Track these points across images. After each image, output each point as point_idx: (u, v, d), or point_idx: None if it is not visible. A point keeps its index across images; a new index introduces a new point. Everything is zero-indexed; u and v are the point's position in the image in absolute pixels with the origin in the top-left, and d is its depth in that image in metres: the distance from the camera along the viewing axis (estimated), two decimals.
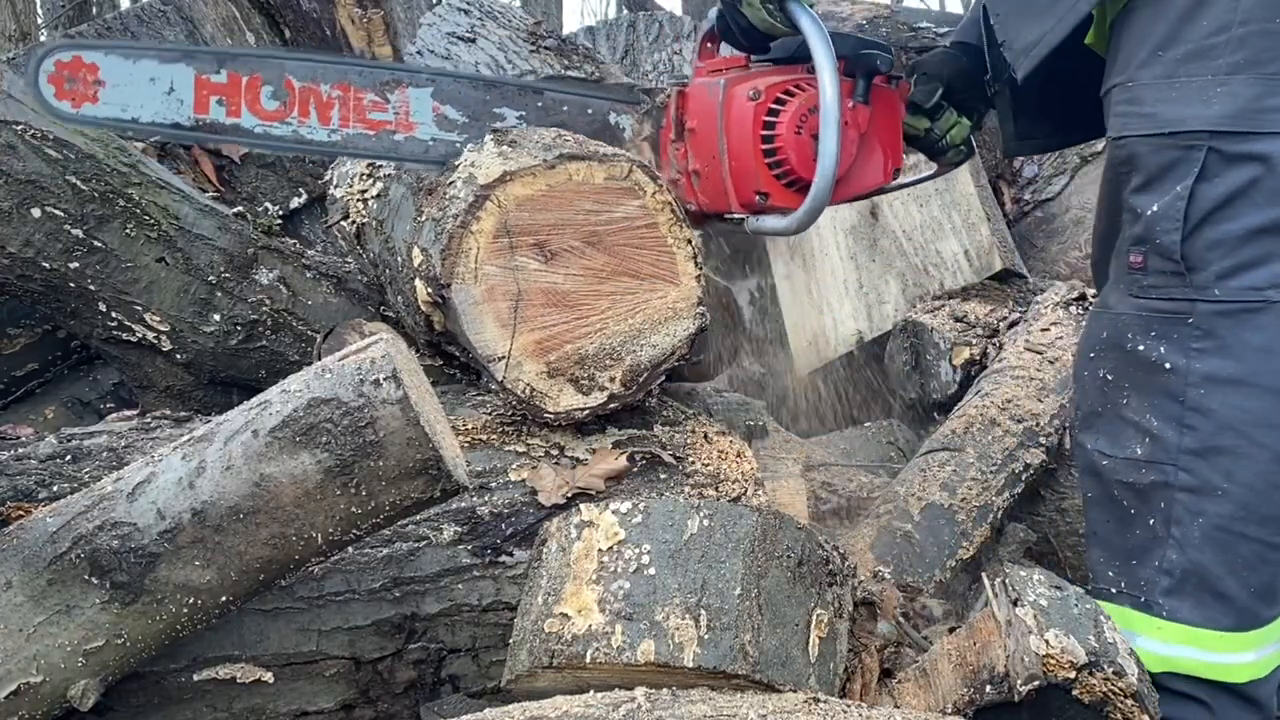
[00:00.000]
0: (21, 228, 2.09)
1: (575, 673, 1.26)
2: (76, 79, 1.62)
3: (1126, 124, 1.59)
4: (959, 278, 3.23)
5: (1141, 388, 1.59)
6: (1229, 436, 1.52)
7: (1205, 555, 1.54)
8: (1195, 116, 1.50)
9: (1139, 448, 1.58)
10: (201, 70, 1.68)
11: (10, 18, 7.14)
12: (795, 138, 1.83)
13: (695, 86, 1.95)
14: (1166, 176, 1.54)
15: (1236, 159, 1.49)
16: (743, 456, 1.82)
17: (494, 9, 4.05)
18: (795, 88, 1.85)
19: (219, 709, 1.53)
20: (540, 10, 9.11)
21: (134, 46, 1.67)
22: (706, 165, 1.90)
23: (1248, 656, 1.55)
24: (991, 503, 2.26)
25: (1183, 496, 1.55)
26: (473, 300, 1.66)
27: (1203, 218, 1.52)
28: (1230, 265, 1.51)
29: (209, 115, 1.69)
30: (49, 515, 1.34)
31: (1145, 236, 1.57)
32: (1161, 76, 1.54)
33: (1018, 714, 1.33)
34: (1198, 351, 1.54)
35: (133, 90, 1.65)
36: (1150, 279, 1.57)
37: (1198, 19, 1.50)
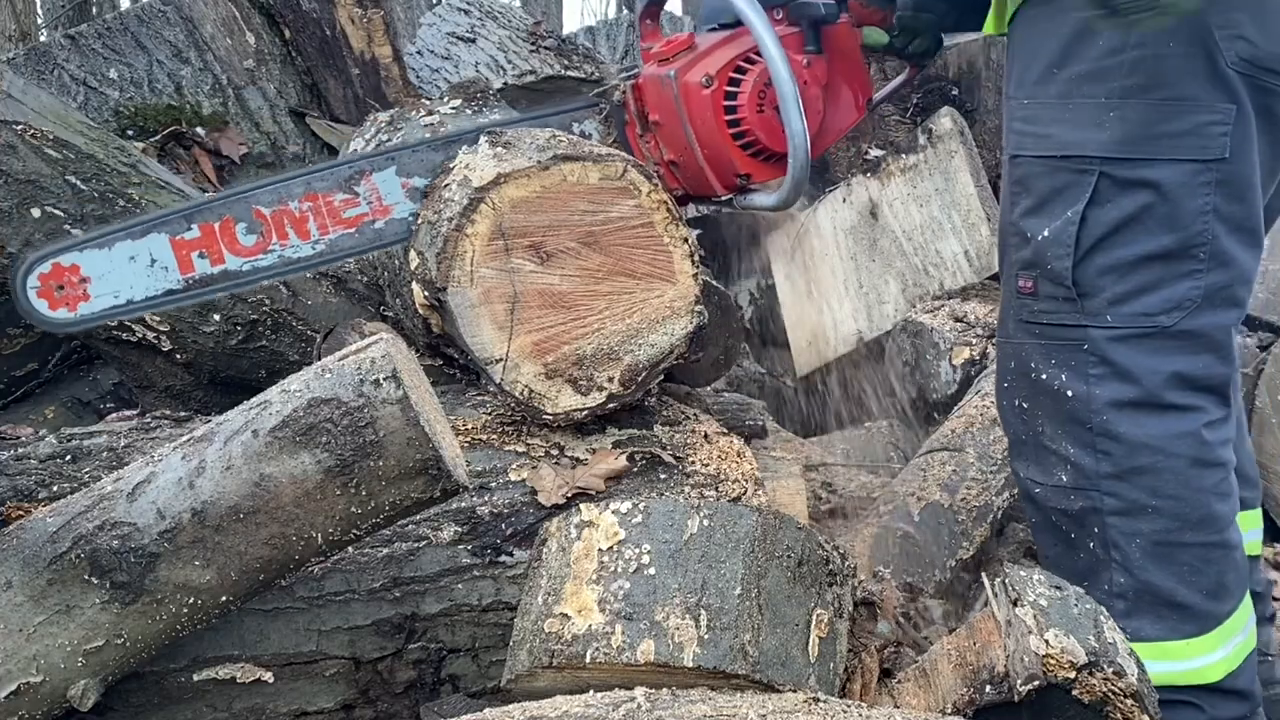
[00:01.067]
0: (21, 228, 2.09)
1: (575, 673, 1.26)
2: (63, 285, 1.64)
3: (1022, 143, 1.57)
4: (959, 278, 3.23)
5: (1052, 416, 1.58)
6: (1144, 455, 1.52)
7: (1150, 572, 1.54)
8: (1089, 140, 1.49)
9: (1064, 475, 1.58)
10: (174, 232, 1.69)
11: (10, 18, 7.14)
12: (759, 116, 1.80)
13: (648, 78, 1.90)
14: (1057, 200, 1.52)
15: (1128, 184, 1.48)
16: (743, 456, 1.82)
17: (494, 9, 4.05)
18: (745, 61, 1.81)
19: (219, 709, 1.53)
20: (540, 10, 9.12)
21: (103, 233, 1.68)
22: (681, 155, 1.88)
23: (1217, 655, 1.56)
24: (991, 503, 2.26)
25: (1114, 520, 1.55)
26: (469, 303, 1.66)
27: (1094, 243, 1.51)
28: (1122, 291, 1.50)
29: (196, 272, 1.71)
30: (49, 515, 1.34)
31: (1035, 261, 1.55)
32: (1056, 96, 1.51)
33: (1018, 714, 1.33)
34: (1096, 378, 1.53)
35: (118, 275, 1.67)
36: (1041, 304, 1.56)
37: (1092, 38, 1.48)
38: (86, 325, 1.71)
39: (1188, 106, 1.45)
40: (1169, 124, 1.45)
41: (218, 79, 3.12)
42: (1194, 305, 1.50)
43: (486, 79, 3.20)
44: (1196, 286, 1.50)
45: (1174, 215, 1.47)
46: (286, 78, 3.23)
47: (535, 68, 3.72)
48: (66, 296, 1.65)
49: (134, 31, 3.11)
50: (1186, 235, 1.48)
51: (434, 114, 2.13)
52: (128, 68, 3.07)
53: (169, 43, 3.11)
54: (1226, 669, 1.57)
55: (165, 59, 3.10)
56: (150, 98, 3.05)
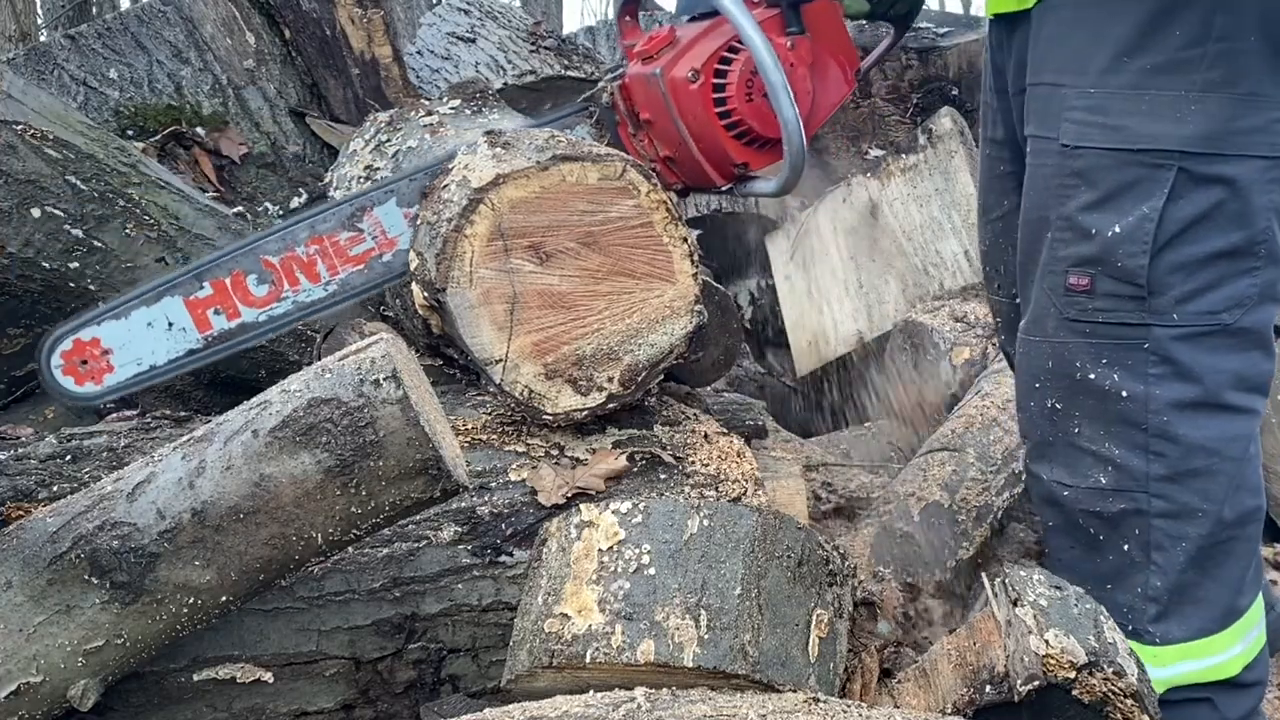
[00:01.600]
0: (21, 228, 2.09)
1: (575, 673, 1.26)
2: (86, 359, 1.67)
3: (1087, 134, 1.51)
4: (959, 278, 3.23)
5: (1095, 416, 1.55)
6: (1200, 458, 1.51)
7: (1189, 575, 1.53)
8: (1169, 135, 1.45)
9: (1102, 476, 1.55)
10: (187, 293, 1.71)
11: (10, 18, 7.14)
12: (749, 105, 1.79)
13: (633, 77, 1.90)
14: (1128, 195, 1.48)
15: (1204, 180, 1.46)
16: (743, 456, 1.82)
17: (494, 9, 4.05)
18: (729, 51, 1.80)
19: (219, 709, 1.53)
20: (540, 10, 9.12)
21: (119, 303, 1.69)
22: (676, 150, 1.88)
23: (1237, 649, 1.57)
24: (991, 503, 2.26)
25: (1161, 523, 1.53)
26: (468, 304, 1.66)
27: (1168, 240, 1.48)
28: (1189, 289, 1.49)
29: (214, 329, 1.73)
30: (49, 515, 1.34)
31: (1099, 258, 1.51)
32: (1129, 87, 1.47)
33: (1018, 714, 1.32)
34: (1156, 378, 1.51)
35: (138, 343, 1.69)
36: (1098, 302, 1.52)
37: (1168, 28, 1.45)
38: (114, 395, 1.72)
39: (1262, 102, 1.44)
40: (1246, 119, 1.44)
41: (218, 79, 3.12)
42: (1252, 303, 1.49)
43: (486, 79, 3.21)
44: (1254, 283, 1.49)
45: (1244, 212, 1.46)
46: (286, 78, 3.23)
47: (535, 68, 3.72)
48: (91, 370, 1.67)
49: (134, 31, 3.11)
50: (1253, 232, 1.47)
51: (433, 114, 2.13)
52: (128, 68, 3.07)
53: (169, 43, 3.11)
54: (1244, 662, 1.57)
55: (165, 59, 3.10)
56: (150, 98, 3.05)
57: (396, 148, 2.10)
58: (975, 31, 4.03)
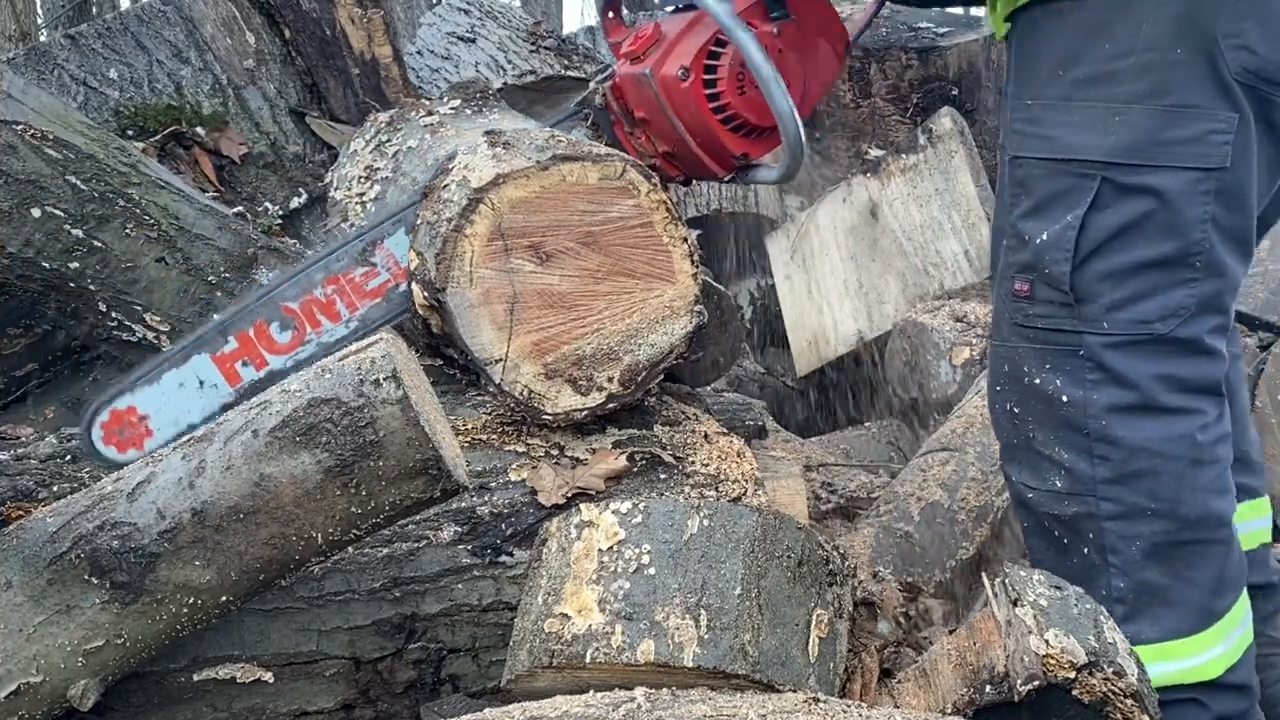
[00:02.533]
0: (21, 228, 2.09)
1: (575, 673, 1.26)
2: (124, 427, 1.67)
3: (1023, 144, 1.55)
4: (959, 278, 3.23)
5: (1045, 420, 1.57)
6: (1143, 459, 1.51)
7: (1150, 573, 1.54)
8: (1092, 145, 1.47)
9: (1057, 480, 1.57)
10: (213, 350, 1.73)
11: (10, 18, 7.15)
12: (742, 98, 1.79)
13: (623, 77, 1.89)
14: (1057, 203, 1.51)
15: (1130, 191, 1.47)
16: (743, 456, 1.82)
17: (494, 9, 4.05)
18: (716, 46, 1.79)
19: (219, 709, 1.53)
20: (540, 10, 9.12)
21: (149, 369, 1.71)
22: (675, 146, 1.88)
23: (1217, 650, 1.56)
24: (991, 503, 2.26)
25: (1111, 525, 1.54)
26: (468, 304, 1.66)
27: (1094, 249, 1.49)
28: (1119, 298, 1.49)
29: (244, 381, 1.74)
30: (49, 515, 1.34)
31: (1033, 265, 1.54)
32: (1060, 98, 1.50)
33: (1018, 714, 1.32)
34: (1093, 383, 1.52)
35: (174, 405, 1.70)
36: (1037, 308, 1.55)
37: (1099, 40, 1.46)
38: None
39: (1192, 114, 1.44)
40: (1173, 131, 1.44)
41: (218, 79, 3.12)
42: (1188, 313, 1.49)
43: (486, 79, 3.20)
44: (1191, 295, 1.49)
45: (1174, 223, 1.47)
46: (286, 78, 3.23)
47: (535, 68, 3.72)
48: (131, 438, 1.68)
49: (134, 31, 3.11)
50: (1185, 243, 1.47)
51: (434, 114, 2.13)
52: (128, 68, 3.07)
53: (169, 43, 3.11)
54: (1226, 664, 1.56)
55: (165, 59, 3.10)
56: (150, 98, 3.05)
57: (397, 148, 2.10)
58: (975, 31, 4.03)
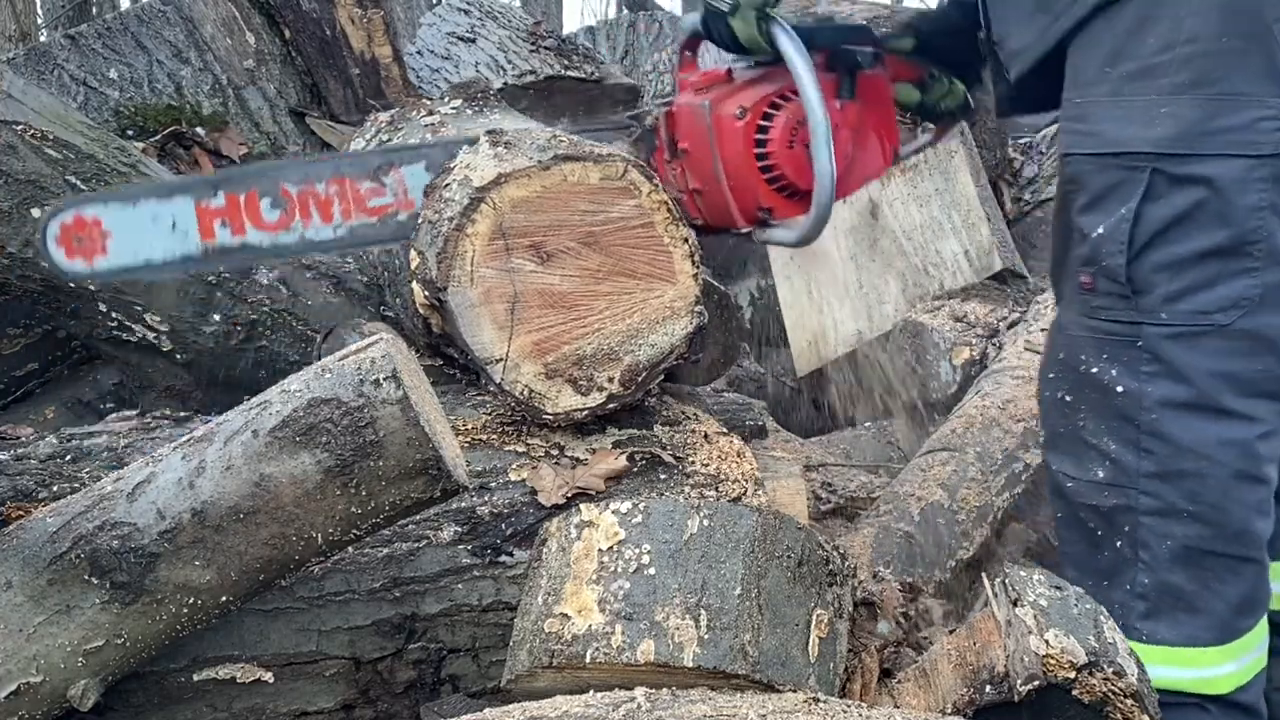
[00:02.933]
0: (21, 228, 2.09)
1: (575, 673, 1.26)
2: (83, 235, 1.64)
3: (1073, 141, 1.58)
4: (959, 278, 3.23)
5: (1097, 410, 1.57)
6: (1189, 459, 1.51)
7: (1176, 575, 1.53)
8: (1139, 137, 1.49)
9: (1100, 470, 1.57)
10: (199, 198, 1.69)
11: (10, 18, 7.15)
12: (789, 152, 1.83)
13: (681, 107, 1.93)
14: (1111, 197, 1.53)
15: (1181, 181, 1.48)
16: (743, 456, 1.82)
17: (494, 9, 4.05)
18: (780, 99, 1.83)
19: (219, 709, 1.53)
20: (540, 10, 9.11)
21: (131, 191, 1.68)
22: (706, 184, 1.91)
23: (1229, 667, 1.55)
24: (991, 503, 2.26)
25: (1148, 520, 1.54)
26: (469, 303, 1.66)
27: (1148, 240, 1.50)
28: (1177, 288, 1.50)
29: (216, 240, 1.70)
30: (49, 515, 1.34)
31: (1092, 258, 1.56)
32: (1107, 95, 1.52)
33: (1018, 714, 1.32)
34: (1148, 375, 1.52)
35: (140, 234, 1.66)
36: (1099, 300, 1.56)
37: (1143, 35, 1.48)
38: (100, 280, 1.70)
39: (1240, 102, 1.44)
40: (1221, 120, 1.45)
41: (218, 79, 3.12)
42: (1252, 304, 1.48)
43: (487, 79, 3.20)
44: (1254, 285, 1.48)
45: (1227, 211, 1.47)
46: (286, 78, 3.23)
47: (535, 68, 3.72)
48: (84, 247, 1.64)
49: (134, 31, 3.11)
50: (1241, 231, 1.47)
51: (435, 114, 2.13)
52: (128, 68, 3.07)
53: (169, 43, 3.11)
54: (1236, 683, 1.56)
55: (165, 59, 3.10)
56: (150, 98, 3.05)
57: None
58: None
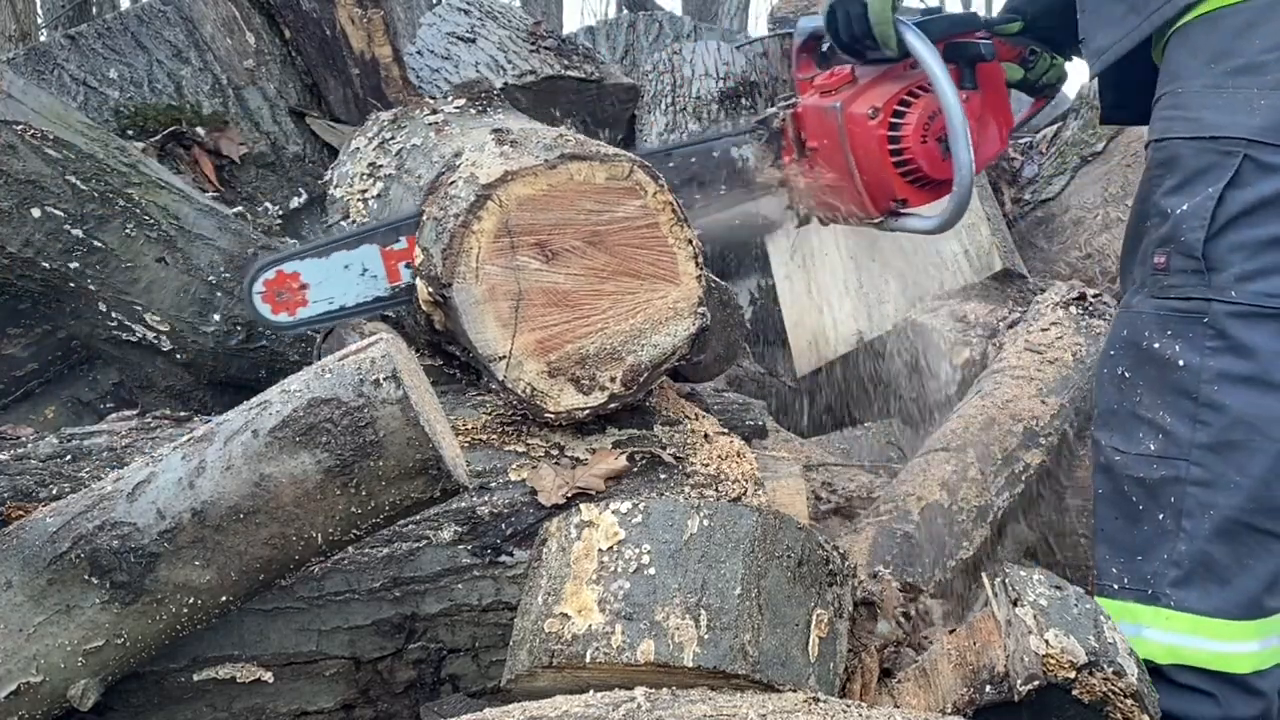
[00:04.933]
0: (21, 228, 2.09)
1: (575, 673, 1.26)
2: (285, 290, 1.78)
3: (1170, 127, 1.65)
4: (959, 278, 3.23)
5: (1155, 385, 1.63)
6: (1241, 431, 1.56)
7: (1214, 546, 1.57)
8: (1238, 124, 1.56)
9: (1152, 443, 1.63)
10: (384, 244, 1.81)
11: (10, 18, 7.14)
12: (922, 146, 1.93)
13: (809, 108, 2.03)
14: (1200, 179, 1.59)
15: (1270, 169, 1.55)
16: (743, 456, 1.82)
17: (494, 9, 4.05)
18: (909, 95, 1.92)
19: (219, 709, 1.53)
20: (540, 10, 9.11)
21: (322, 244, 1.81)
22: (837, 180, 2.00)
23: (1252, 646, 1.58)
24: (991, 503, 2.26)
25: (1194, 490, 1.59)
26: (474, 300, 1.66)
27: (1229, 220, 1.57)
28: (1251, 269, 1.56)
29: (402, 281, 1.82)
30: (49, 515, 1.34)
31: (1171, 236, 1.62)
32: (1210, 86, 1.60)
33: (1018, 714, 1.33)
34: (1212, 350, 1.58)
35: (335, 282, 1.80)
36: (1172, 279, 1.63)
37: (1251, 37, 1.57)
38: (302, 328, 1.83)
39: None
40: None
41: (218, 79, 3.12)
42: None
43: (488, 79, 3.20)
44: None
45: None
46: (286, 78, 3.23)
47: (535, 68, 3.71)
48: (287, 302, 1.78)
49: (134, 31, 3.11)
50: None
51: (438, 113, 2.13)
52: (128, 68, 3.06)
53: (169, 43, 3.10)
54: (1256, 665, 1.58)
55: (165, 59, 3.09)
56: (150, 98, 3.05)
57: (400, 145, 2.10)
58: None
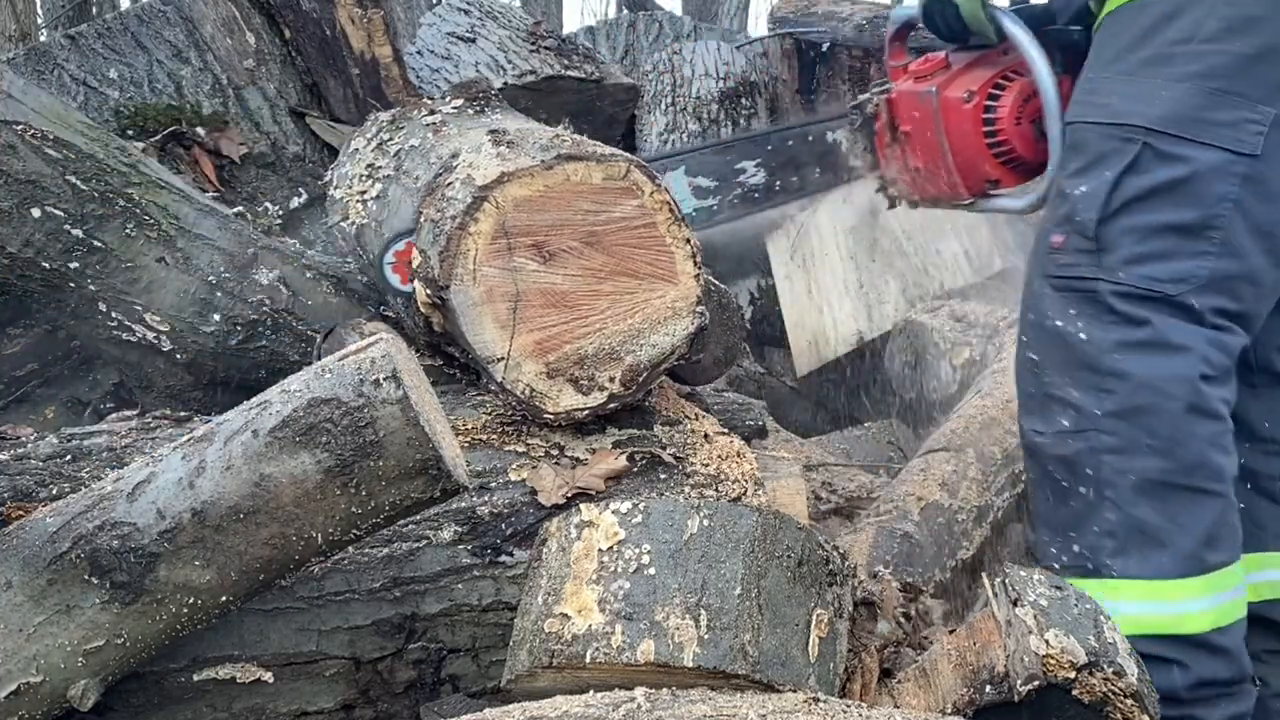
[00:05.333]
0: (21, 228, 2.09)
1: (575, 673, 1.26)
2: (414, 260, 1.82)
3: (1083, 111, 1.71)
4: (959, 278, 3.23)
5: (1061, 363, 1.68)
6: (1145, 395, 1.61)
7: (1141, 509, 1.61)
8: (1140, 113, 1.61)
9: (1065, 420, 1.67)
10: None
11: (10, 18, 7.14)
12: (1016, 128, 1.96)
13: (903, 93, 2.08)
14: (1101, 163, 1.65)
15: (1166, 158, 1.60)
16: (743, 456, 1.82)
17: (494, 9, 4.05)
18: (1003, 79, 1.96)
19: (219, 709, 1.53)
20: (540, 10, 9.10)
21: None
22: (929, 162, 2.04)
23: (1203, 603, 1.60)
24: (991, 503, 2.26)
25: (1110, 459, 1.62)
26: (471, 301, 1.66)
27: (1123, 204, 1.62)
28: (1140, 253, 1.61)
29: None
30: (49, 515, 1.34)
31: (1069, 216, 1.67)
32: (1122, 73, 1.65)
33: (1018, 714, 1.33)
34: (1109, 323, 1.64)
35: None
36: (1066, 257, 1.68)
37: (1165, 29, 1.61)
38: None
39: (1234, 101, 1.57)
40: (1214, 113, 1.58)
41: (218, 79, 3.12)
42: (1198, 283, 1.60)
43: (488, 79, 3.20)
44: (1203, 266, 1.60)
45: (1199, 194, 1.59)
46: (286, 78, 3.23)
47: (535, 68, 3.71)
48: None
49: (134, 31, 3.11)
50: (1206, 215, 1.59)
51: (436, 113, 2.13)
52: (128, 68, 3.07)
53: (169, 43, 3.11)
54: (1214, 622, 1.59)
55: (165, 59, 3.09)
56: (150, 98, 3.05)
57: (399, 146, 2.10)
58: None
